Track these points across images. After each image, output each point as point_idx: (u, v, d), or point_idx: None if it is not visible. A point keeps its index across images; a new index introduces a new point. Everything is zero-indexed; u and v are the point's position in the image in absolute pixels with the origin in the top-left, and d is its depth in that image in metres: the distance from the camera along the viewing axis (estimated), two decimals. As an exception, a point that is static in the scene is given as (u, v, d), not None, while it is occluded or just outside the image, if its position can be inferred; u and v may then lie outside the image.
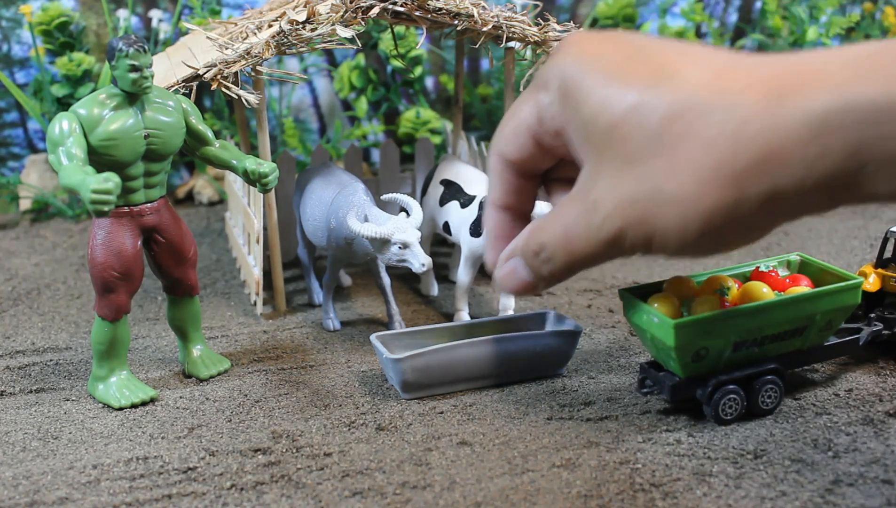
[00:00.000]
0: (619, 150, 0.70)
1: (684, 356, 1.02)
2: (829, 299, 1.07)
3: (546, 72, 0.76)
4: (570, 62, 0.73)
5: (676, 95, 0.67)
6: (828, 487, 0.94)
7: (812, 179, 0.64)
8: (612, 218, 0.71)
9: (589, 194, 0.72)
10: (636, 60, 0.71)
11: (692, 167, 0.66)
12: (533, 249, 0.79)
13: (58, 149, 1.04)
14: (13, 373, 1.26)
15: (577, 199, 0.74)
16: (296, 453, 1.03)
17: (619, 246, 0.72)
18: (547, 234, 0.77)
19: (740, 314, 1.03)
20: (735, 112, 0.65)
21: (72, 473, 1.00)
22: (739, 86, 0.66)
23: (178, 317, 1.24)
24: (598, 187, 0.72)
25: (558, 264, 0.77)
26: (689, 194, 0.67)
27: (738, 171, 0.65)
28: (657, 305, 1.05)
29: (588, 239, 0.73)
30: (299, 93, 2.23)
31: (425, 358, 1.14)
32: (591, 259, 0.75)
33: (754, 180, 0.65)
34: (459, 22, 1.34)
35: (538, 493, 0.94)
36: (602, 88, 0.70)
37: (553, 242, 0.76)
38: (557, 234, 0.76)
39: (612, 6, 2.28)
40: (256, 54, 1.25)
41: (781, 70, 0.66)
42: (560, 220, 0.76)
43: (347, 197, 1.31)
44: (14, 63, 2.08)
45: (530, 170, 0.84)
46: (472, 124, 2.28)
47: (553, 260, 0.77)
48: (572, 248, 0.75)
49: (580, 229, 0.73)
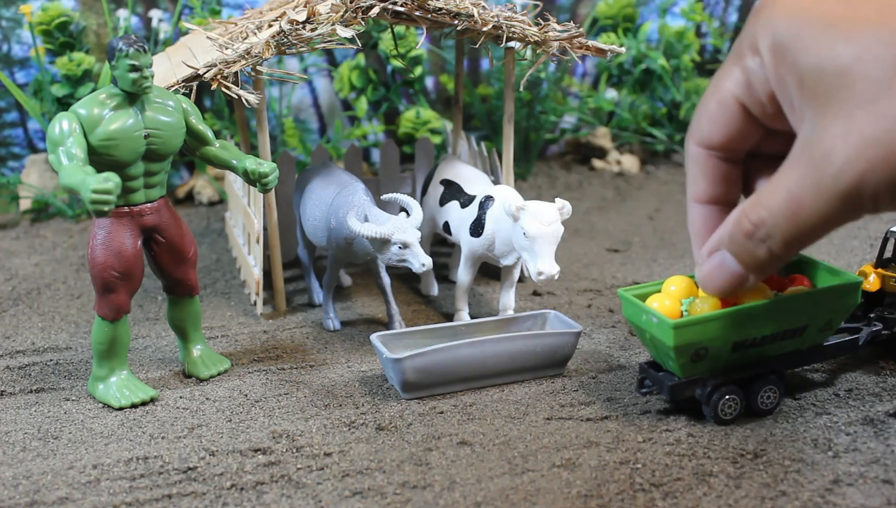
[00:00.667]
0: (850, 93, 0.64)
1: (683, 357, 1.02)
2: (828, 299, 1.07)
3: (751, 34, 0.72)
4: (780, 17, 0.69)
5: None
6: (828, 487, 0.94)
7: None
8: (851, 164, 0.64)
9: (817, 147, 0.66)
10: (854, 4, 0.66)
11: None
12: (746, 229, 0.72)
13: (58, 149, 1.04)
14: (13, 373, 1.26)
15: (799, 159, 0.68)
16: (296, 453, 1.03)
17: (860, 199, 0.65)
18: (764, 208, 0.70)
19: (739, 315, 1.02)
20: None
21: (72, 473, 1.00)
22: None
23: (178, 317, 1.24)
24: (827, 137, 0.65)
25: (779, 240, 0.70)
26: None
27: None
28: (656, 305, 1.05)
29: (820, 197, 0.66)
30: (299, 93, 2.23)
31: (425, 358, 1.14)
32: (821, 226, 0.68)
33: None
34: (459, 22, 1.34)
35: (538, 493, 0.94)
36: (824, 36, 0.65)
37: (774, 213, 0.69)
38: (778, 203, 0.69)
39: (612, 6, 2.28)
40: (256, 54, 1.25)
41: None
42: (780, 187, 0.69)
43: (347, 197, 1.31)
44: (14, 63, 2.08)
45: (735, 151, 0.78)
46: (472, 124, 2.28)
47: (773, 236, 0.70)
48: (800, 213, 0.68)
49: (809, 187, 0.67)
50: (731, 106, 0.76)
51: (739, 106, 0.75)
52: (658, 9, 2.36)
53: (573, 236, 1.79)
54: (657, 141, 2.31)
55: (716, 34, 2.38)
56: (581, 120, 2.34)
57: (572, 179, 2.20)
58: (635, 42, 2.25)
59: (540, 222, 1.21)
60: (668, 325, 1.00)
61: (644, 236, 1.81)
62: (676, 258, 1.68)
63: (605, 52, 1.43)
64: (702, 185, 0.81)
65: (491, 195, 1.34)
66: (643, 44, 2.26)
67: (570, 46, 1.40)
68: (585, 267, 1.64)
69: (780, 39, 0.68)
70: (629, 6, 2.28)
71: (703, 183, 0.81)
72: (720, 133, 0.77)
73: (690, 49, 2.29)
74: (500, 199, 1.31)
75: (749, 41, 0.72)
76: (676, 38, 2.27)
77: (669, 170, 2.25)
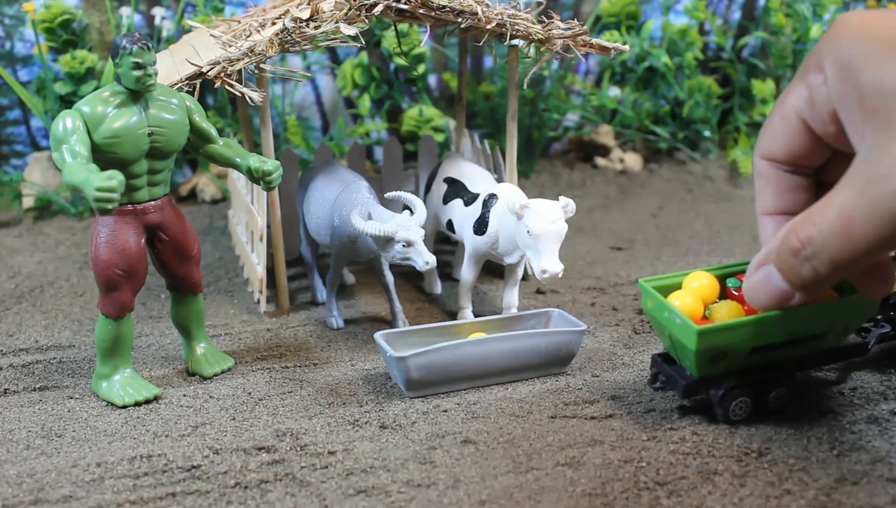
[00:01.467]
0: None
1: (703, 359, 1.02)
2: (850, 308, 1.06)
3: (817, 53, 0.71)
4: (847, 38, 0.68)
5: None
6: (832, 485, 0.94)
7: None
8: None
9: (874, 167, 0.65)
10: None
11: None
12: (793, 246, 0.71)
13: (61, 147, 1.04)
14: (17, 371, 1.26)
15: (855, 177, 0.66)
16: (300, 451, 1.03)
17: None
18: (814, 225, 0.69)
19: (762, 322, 1.01)
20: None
21: (76, 471, 1.00)
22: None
23: (182, 315, 1.24)
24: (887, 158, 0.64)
25: (827, 260, 0.69)
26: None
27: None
28: (678, 303, 1.04)
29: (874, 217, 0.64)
30: (302, 90, 2.22)
31: (429, 356, 1.14)
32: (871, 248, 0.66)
33: None
34: (463, 20, 1.34)
35: (542, 491, 0.94)
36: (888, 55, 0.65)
37: (824, 232, 0.68)
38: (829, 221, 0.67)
39: (615, 4, 2.27)
40: (260, 52, 1.24)
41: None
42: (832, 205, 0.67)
43: (351, 195, 1.31)
44: (17, 61, 2.08)
45: (801, 166, 0.77)
46: (475, 122, 2.28)
47: (819, 255, 0.69)
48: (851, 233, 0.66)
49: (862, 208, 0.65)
50: (793, 121, 0.75)
51: (801, 121, 0.75)
52: (661, 6, 2.36)
53: (576, 234, 1.79)
54: (660, 139, 2.31)
55: (719, 32, 2.37)
56: (584, 118, 2.34)
57: (575, 177, 2.20)
58: (638, 40, 2.24)
59: (543, 219, 1.21)
60: (693, 330, 0.99)
61: (647, 234, 1.81)
62: (679, 256, 1.67)
63: (609, 49, 1.43)
64: (767, 196, 0.80)
65: (494, 193, 1.33)
66: (646, 41, 2.25)
67: (574, 44, 1.40)
68: (589, 265, 1.64)
69: (844, 57, 0.68)
70: (632, 4, 2.28)
71: (769, 195, 0.80)
72: (782, 147, 0.77)
73: (694, 47, 2.28)
74: (504, 197, 1.31)
75: (815, 59, 0.72)
76: (680, 35, 2.27)
77: (672, 168, 2.25)
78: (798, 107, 0.74)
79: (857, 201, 0.66)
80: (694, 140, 2.32)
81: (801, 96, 0.74)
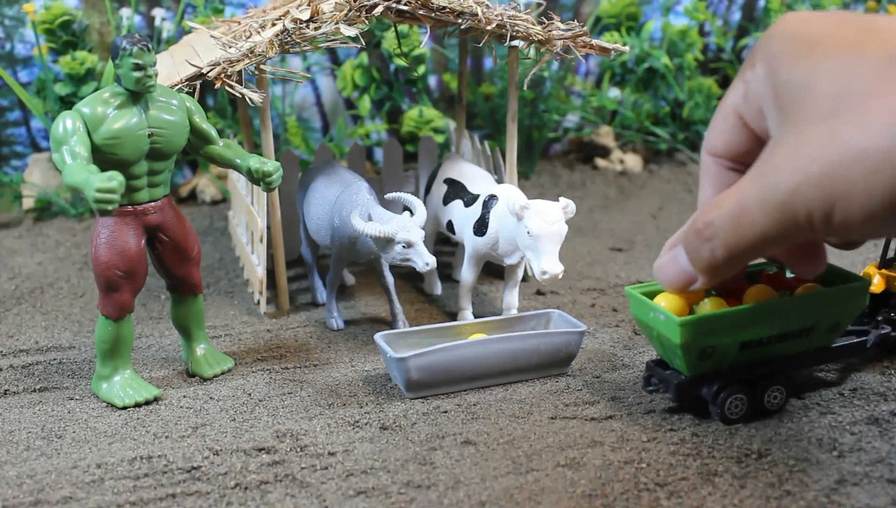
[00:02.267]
0: (807, 112, 0.65)
1: (690, 355, 1.02)
2: (836, 301, 1.07)
3: (755, 50, 0.73)
4: (778, 36, 0.70)
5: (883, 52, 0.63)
6: (832, 487, 0.94)
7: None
8: (788, 183, 0.65)
9: (767, 162, 0.67)
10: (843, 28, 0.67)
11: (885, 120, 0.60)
12: (696, 227, 0.73)
13: (61, 148, 1.04)
14: (17, 372, 1.26)
15: (752, 171, 0.69)
16: (300, 452, 1.03)
17: (796, 217, 0.65)
18: (717, 209, 0.71)
19: (747, 314, 1.02)
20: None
21: (76, 472, 1.00)
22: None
23: (182, 316, 1.24)
24: (778, 155, 0.66)
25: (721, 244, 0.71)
26: (879, 148, 0.60)
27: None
28: (664, 304, 1.05)
29: (762, 207, 0.67)
30: (302, 91, 2.22)
31: (429, 357, 1.14)
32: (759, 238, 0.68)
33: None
34: (463, 20, 1.34)
35: (542, 492, 0.94)
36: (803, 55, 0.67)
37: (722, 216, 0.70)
38: (728, 206, 0.70)
39: (615, 5, 2.28)
40: (260, 53, 1.25)
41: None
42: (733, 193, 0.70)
43: (351, 196, 1.31)
44: (17, 62, 2.08)
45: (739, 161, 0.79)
46: (475, 123, 2.28)
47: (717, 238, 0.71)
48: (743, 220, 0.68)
49: (754, 198, 0.67)
50: (732, 117, 0.77)
51: (738, 117, 0.77)
52: (661, 7, 2.36)
53: (576, 235, 1.79)
54: (660, 140, 2.31)
55: (719, 33, 2.38)
56: (584, 119, 2.34)
57: (575, 178, 2.20)
58: (638, 41, 2.24)
59: (544, 220, 1.21)
60: (675, 322, 1.00)
61: (647, 235, 1.81)
62: (680, 257, 1.67)
63: (609, 50, 1.43)
64: (707, 191, 0.82)
65: (494, 194, 1.33)
66: (646, 42, 2.26)
67: (574, 45, 1.40)
68: (589, 266, 1.64)
69: (771, 55, 0.70)
70: (632, 5, 2.28)
71: (709, 189, 0.82)
72: (722, 143, 0.79)
73: (693, 48, 2.29)
74: (504, 198, 1.31)
75: (752, 56, 0.74)
76: (680, 36, 2.27)
77: (672, 168, 2.25)
78: (735, 103, 0.76)
79: (751, 190, 0.68)
80: (694, 141, 2.32)
81: (739, 93, 0.76)
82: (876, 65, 0.63)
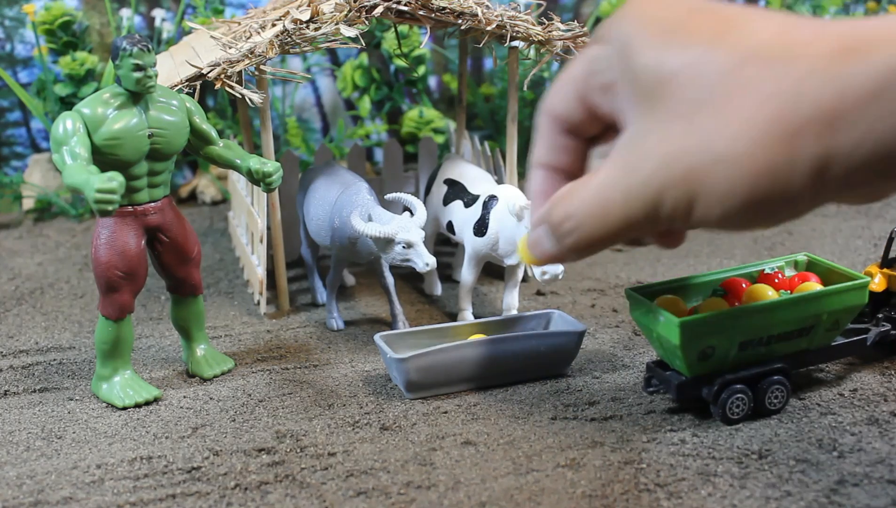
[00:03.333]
0: (670, 104, 0.65)
1: (690, 355, 1.02)
2: (835, 299, 1.07)
3: (605, 27, 0.73)
4: (631, 16, 0.69)
5: (738, 48, 0.63)
6: (833, 487, 0.94)
7: (868, 146, 0.59)
8: (655, 176, 0.65)
9: (634, 151, 0.67)
10: (700, 16, 0.67)
11: (745, 122, 0.61)
12: (557, 219, 0.73)
13: (62, 148, 1.04)
14: (17, 373, 1.26)
15: (615, 160, 0.69)
16: (300, 453, 1.03)
17: (658, 212, 0.66)
18: (576, 200, 0.71)
19: (746, 313, 1.02)
20: (798, 65, 0.60)
21: (76, 473, 1.00)
22: (806, 40, 0.61)
23: (182, 317, 1.24)
24: (642, 146, 0.66)
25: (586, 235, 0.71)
26: (739, 151, 0.62)
27: (792, 128, 0.60)
28: (664, 304, 1.05)
29: (627, 201, 0.67)
30: (302, 92, 2.22)
31: (429, 358, 1.14)
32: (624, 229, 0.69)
33: (808, 141, 0.60)
34: (463, 21, 1.34)
35: (543, 493, 0.94)
36: (660, 41, 0.66)
37: (583, 209, 0.70)
38: (588, 198, 0.70)
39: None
40: (260, 53, 1.25)
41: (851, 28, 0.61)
42: (593, 184, 0.70)
43: (351, 196, 1.31)
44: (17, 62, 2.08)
45: (576, 130, 0.79)
46: (475, 124, 2.28)
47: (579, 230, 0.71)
48: (607, 213, 0.69)
49: (618, 191, 0.68)
50: (572, 89, 0.76)
51: (577, 91, 0.76)
52: (661, 8, 2.36)
53: (577, 236, 1.79)
54: (660, 140, 2.31)
55: (719, 33, 2.38)
56: (584, 119, 2.34)
57: (575, 179, 2.20)
58: (639, 41, 2.24)
59: (544, 221, 1.21)
60: (675, 323, 1.00)
61: (648, 236, 1.81)
62: (680, 258, 1.67)
63: (609, 51, 1.43)
64: (541, 150, 0.82)
65: (494, 195, 1.33)
66: (646, 43, 2.26)
67: (574, 46, 1.40)
68: (589, 266, 1.64)
69: (625, 36, 0.69)
70: (632, 5, 2.28)
71: (543, 149, 0.81)
72: (560, 110, 0.78)
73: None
74: (504, 198, 1.31)
75: (602, 32, 0.74)
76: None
77: (673, 169, 2.25)
78: (577, 76, 0.76)
79: (615, 183, 0.68)
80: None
81: (582, 66, 0.75)
82: (730, 63, 0.63)
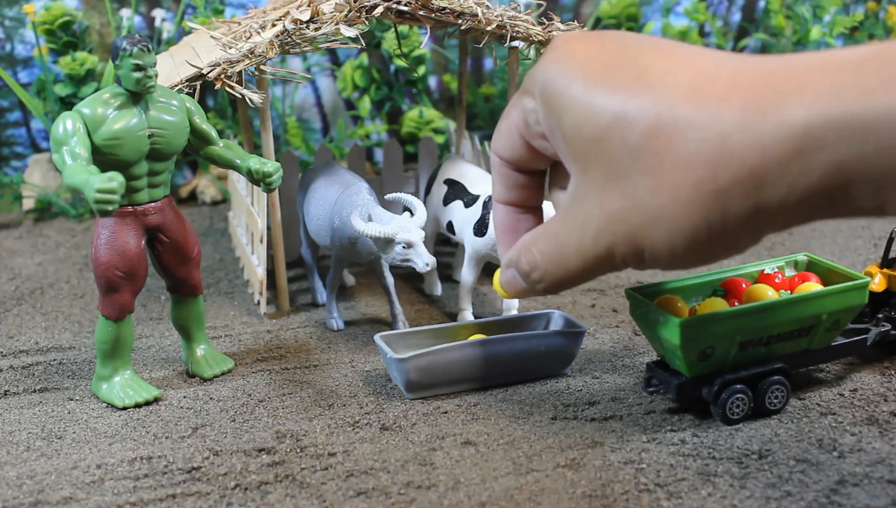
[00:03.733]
0: (603, 164, 0.70)
1: (690, 355, 1.02)
2: (835, 299, 1.07)
3: (530, 77, 0.76)
4: (552, 68, 0.73)
5: (656, 106, 0.66)
6: (833, 487, 0.94)
7: (795, 196, 0.63)
8: (602, 234, 0.71)
9: (579, 209, 0.73)
10: (618, 64, 0.70)
11: (674, 186, 0.66)
12: (524, 270, 0.80)
13: (62, 148, 1.04)
14: (17, 373, 1.26)
15: (567, 214, 0.75)
16: (300, 453, 1.03)
17: (612, 261, 0.73)
18: (538, 253, 0.78)
19: (745, 313, 1.02)
20: (714, 127, 0.64)
21: (76, 473, 1.00)
22: (718, 96, 0.64)
23: (182, 317, 1.24)
24: (586, 203, 0.72)
25: (551, 282, 0.78)
26: (673, 212, 0.67)
27: (719, 189, 0.64)
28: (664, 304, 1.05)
29: (581, 255, 0.74)
30: (302, 92, 2.23)
31: (429, 358, 1.14)
32: (584, 275, 0.76)
33: (737, 198, 0.64)
34: (463, 21, 1.34)
35: (543, 493, 0.94)
36: (583, 97, 0.70)
37: (546, 260, 0.77)
38: (550, 252, 0.77)
39: (615, 5, 2.28)
40: (260, 54, 1.25)
41: (763, 79, 0.64)
42: (552, 237, 0.77)
43: (351, 196, 1.31)
44: (17, 62, 2.08)
45: (527, 168, 0.84)
46: (475, 124, 2.28)
47: (545, 278, 0.78)
48: (566, 265, 0.76)
49: (572, 246, 0.74)
50: (514, 134, 0.81)
51: (521, 137, 0.80)
52: (661, 8, 2.36)
53: (577, 236, 1.79)
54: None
55: (719, 34, 2.38)
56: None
57: (575, 179, 2.20)
58: (639, 41, 2.24)
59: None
60: (675, 323, 1.00)
61: (648, 236, 1.81)
62: (680, 258, 1.67)
63: (609, 51, 1.43)
64: (499, 189, 0.87)
65: (495, 195, 1.33)
66: (646, 43, 2.25)
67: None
68: (589, 267, 1.64)
69: (548, 90, 0.73)
70: (632, 5, 2.28)
71: (500, 187, 0.86)
72: (507, 151, 0.83)
73: (694, 48, 2.28)
74: (504, 198, 1.30)
75: (528, 82, 0.77)
76: (680, 37, 2.27)
77: (673, 169, 2.25)
78: (517, 124, 0.80)
79: (568, 240, 0.75)
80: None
81: (519, 116, 0.79)
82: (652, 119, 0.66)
